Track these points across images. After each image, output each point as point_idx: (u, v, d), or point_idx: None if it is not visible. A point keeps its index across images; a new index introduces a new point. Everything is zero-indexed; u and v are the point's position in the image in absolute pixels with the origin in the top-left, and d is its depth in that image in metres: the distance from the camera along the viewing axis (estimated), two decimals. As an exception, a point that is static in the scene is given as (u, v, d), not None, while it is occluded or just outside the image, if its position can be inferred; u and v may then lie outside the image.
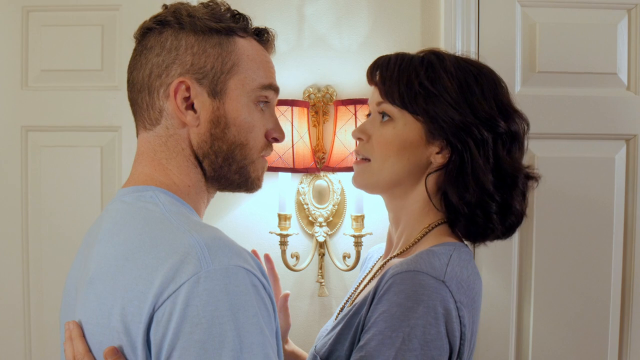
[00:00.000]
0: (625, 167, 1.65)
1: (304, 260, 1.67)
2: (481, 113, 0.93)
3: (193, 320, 0.64)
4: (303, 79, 1.68)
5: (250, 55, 0.85)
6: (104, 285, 0.73)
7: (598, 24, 1.62)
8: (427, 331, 0.82)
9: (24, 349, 1.70)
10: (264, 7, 1.66)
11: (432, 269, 0.86)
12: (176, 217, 0.74)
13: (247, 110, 0.84)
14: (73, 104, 1.67)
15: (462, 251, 0.93)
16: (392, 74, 0.96)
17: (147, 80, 0.82)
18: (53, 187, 1.69)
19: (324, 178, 1.69)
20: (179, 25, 0.82)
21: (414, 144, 0.95)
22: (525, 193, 0.99)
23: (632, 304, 1.63)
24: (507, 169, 0.94)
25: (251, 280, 0.68)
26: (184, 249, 0.68)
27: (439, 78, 0.94)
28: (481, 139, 0.92)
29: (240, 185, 0.88)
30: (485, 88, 0.95)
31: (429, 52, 0.99)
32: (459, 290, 0.86)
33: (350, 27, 1.67)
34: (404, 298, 0.83)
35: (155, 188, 0.80)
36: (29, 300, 1.69)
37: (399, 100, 0.95)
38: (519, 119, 0.97)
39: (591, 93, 1.62)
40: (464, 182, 0.93)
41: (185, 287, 0.65)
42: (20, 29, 1.68)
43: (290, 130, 1.54)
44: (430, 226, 0.97)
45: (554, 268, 1.63)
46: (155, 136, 0.83)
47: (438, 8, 1.65)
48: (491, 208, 0.93)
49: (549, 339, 1.65)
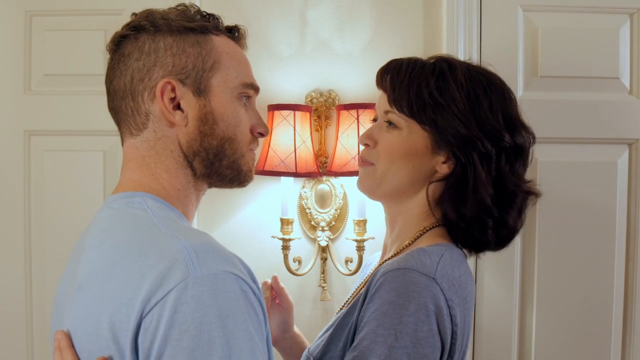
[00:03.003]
0: (627, 171, 1.65)
1: (307, 265, 1.67)
2: (487, 126, 0.93)
3: (181, 327, 0.64)
4: (305, 83, 1.68)
5: (229, 53, 0.86)
6: (91, 293, 0.72)
7: (600, 28, 1.63)
8: (418, 328, 0.82)
9: (27, 353, 1.70)
10: (266, 12, 1.67)
11: (423, 267, 0.85)
12: (164, 223, 0.74)
13: (232, 105, 0.85)
14: (76, 108, 1.68)
15: (454, 252, 0.93)
16: (402, 81, 0.96)
17: (129, 86, 0.82)
18: (56, 191, 1.69)
19: (326, 182, 1.69)
20: (154, 28, 0.82)
21: (420, 152, 0.95)
22: (522, 209, 0.98)
23: (635, 308, 1.63)
24: (508, 185, 0.94)
25: (240, 286, 0.68)
26: (171, 255, 0.67)
27: (448, 88, 0.94)
28: (485, 153, 0.92)
29: (232, 180, 0.88)
30: (494, 100, 0.95)
31: (440, 59, 0.99)
32: (450, 289, 0.86)
33: (353, 31, 1.68)
34: (395, 295, 0.83)
35: (144, 194, 0.80)
36: (31, 304, 1.69)
37: (408, 110, 0.95)
38: (525, 133, 0.97)
39: (593, 98, 1.62)
40: (463, 196, 0.93)
41: (173, 294, 0.65)
42: (23, 34, 1.68)
43: (292, 135, 1.54)
44: (425, 229, 0.97)
45: (557, 272, 1.63)
46: (142, 141, 0.83)
47: (440, 13, 1.65)
48: (487, 223, 0.94)
49: (551, 344, 1.64)
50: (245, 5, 1.66)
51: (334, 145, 1.61)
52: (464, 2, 1.60)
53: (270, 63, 1.68)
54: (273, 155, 1.55)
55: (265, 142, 1.58)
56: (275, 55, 1.68)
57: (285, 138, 1.55)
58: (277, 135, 1.56)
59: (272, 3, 1.67)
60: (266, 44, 1.68)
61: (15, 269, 1.69)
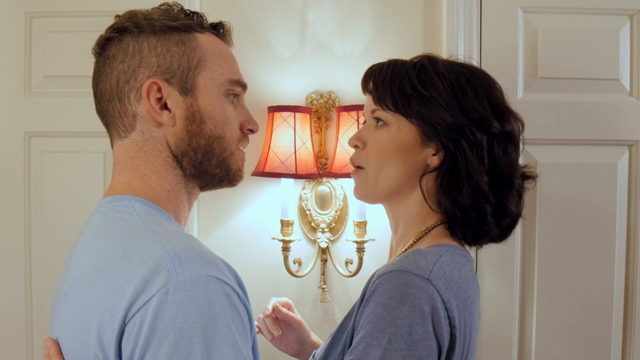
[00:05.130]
0: (627, 172, 1.65)
1: (307, 266, 1.67)
2: (473, 114, 0.93)
3: (161, 333, 0.63)
4: (305, 85, 1.68)
5: (214, 50, 0.85)
6: (78, 299, 0.72)
7: (600, 30, 1.63)
8: (413, 331, 0.81)
9: (27, 354, 1.69)
10: (266, 14, 1.67)
11: (418, 268, 0.85)
12: (149, 227, 0.73)
13: (220, 103, 0.84)
14: (76, 109, 1.68)
15: (457, 253, 0.92)
16: (384, 79, 0.97)
17: (115, 88, 0.82)
18: (56, 193, 1.69)
19: (326, 184, 1.69)
20: (137, 29, 0.82)
21: (409, 146, 0.95)
22: (522, 193, 0.98)
23: (635, 309, 1.63)
24: (503, 169, 0.94)
25: (224, 290, 0.67)
26: (154, 260, 0.67)
27: (431, 81, 0.94)
28: (474, 140, 0.92)
29: (222, 179, 0.88)
30: (479, 89, 0.95)
31: (422, 57, 0.99)
32: (448, 290, 0.85)
33: (353, 33, 1.68)
34: (389, 298, 0.83)
35: (132, 197, 0.80)
36: (31, 306, 1.69)
37: (392, 104, 0.95)
38: (513, 120, 0.97)
39: (593, 99, 1.62)
40: (457, 184, 0.92)
41: (154, 299, 0.64)
42: (23, 35, 1.68)
43: (292, 136, 1.54)
44: (427, 229, 0.96)
45: (557, 274, 1.63)
46: (131, 143, 0.83)
47: (440, 14, 1.66)
48: (486, 210, 0.92)
49: (551, 345, 1.64)
50: (245, 6, 1.66)
51: (334, 146, 1.61)
52: (464, 3, 1.60)
53: (271, 64, 1.68)
54: (273, 157, 1.55)
55: (266, 144, 1.58)
56: (276, 56, 1.68)
57: (286, 139, 1.55)
58: (278, 136, 1.56)
59: (272, 4, 1.67)
60: (266, 45, 1.68)
61: (16, 270, 1.69)
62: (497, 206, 0.94)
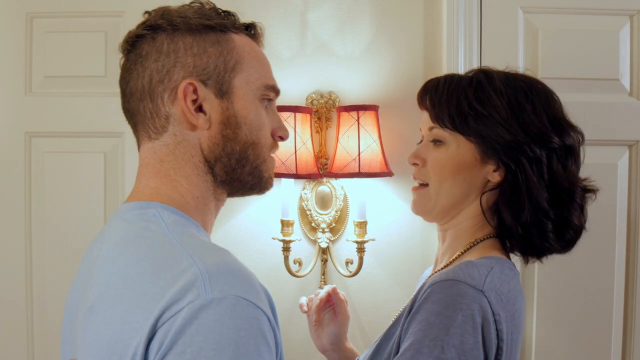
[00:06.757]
0: (628, 172, 1.65)
1: (307, 267, 1.67)
2: (532, 130, 0.92)
3: (179, 349, 0.60)
4: (306, 85, 1.68)
5: (250, 53, 0.82)
6: (103, 315, 0.69)
7: (600, 30, 1.63)
8: (465, 340, 0.81)
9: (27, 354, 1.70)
10: (267, 13, 1.67)
11: (471, 279, 0.85)
12: (179, 239, 0.70)
13: (255, 108, 0.81)
14: (76, 110, 1.68)
15: (506, 266, 0.92)
16: (441, 97, 0.96)
17: (147, 87, 0.78)
18: (56, 193, 1.69)
19: (326, 184, 1.69)
20: (171, 27, 0.78)
21: (469, 165, 0.95)
22: (583, 206, 0.98)
23: (635, 309, 1.63)
24: (563, 184, 0.94)
25: (252, 313, 0.63)
26: (184, 277, 0.64)
27: (488, 98, 0.94)
28: (534, 157, 0.92)
29: (253, 187, 0.85)
30: (537, 104, 0.94)
31: (478, 72, 0.99)
32: (498, 303, 0.85)
33: (353, 33, 1.68)
34: (442, 307, 0.83)
35: (159, 204, 0.76)
36: (32, 305, 1.69)
37: (450, 123, 0.95)
38: (573, 132, 0.96)
39: (593, 99, 1.62)
40: (518, 202, 0.92)
41: (180, 315, 0.62)
42: (24, 35, 1.69)
43: (293, 137, 1.54)
44: (477, 240, 0.96)
45: (557, 272, 1.63)
46: (162, 145, 0.79)
47: (440, 14, 1.66)
48: (547, 227, 0.93)
49: (551, 345, 1.64)
50: (246, 6, 1.66)
51: (334, 146, 1.61)
52: (464, 4, 1.60)
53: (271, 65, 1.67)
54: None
55: (266, 144, 1.58)
56: (276, 56, 1.68)
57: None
58: (278, 136, 1.56)
59: (272, 4, 1.68)
60: (266, 45, 1.66)
61: (16, 270, 1.69)
62: (558, 221, 0.94)
